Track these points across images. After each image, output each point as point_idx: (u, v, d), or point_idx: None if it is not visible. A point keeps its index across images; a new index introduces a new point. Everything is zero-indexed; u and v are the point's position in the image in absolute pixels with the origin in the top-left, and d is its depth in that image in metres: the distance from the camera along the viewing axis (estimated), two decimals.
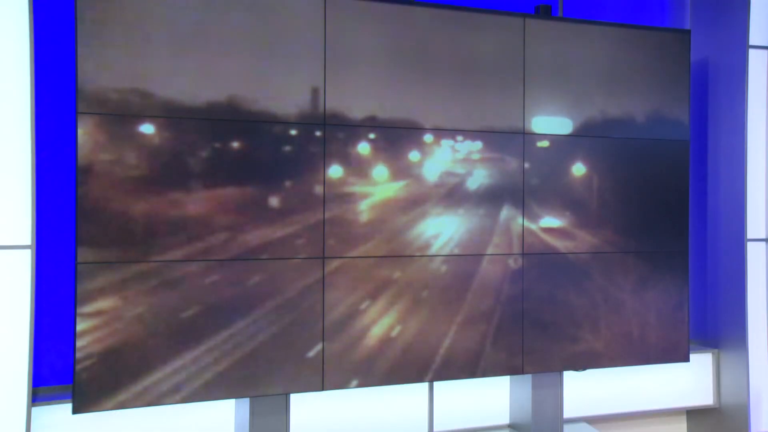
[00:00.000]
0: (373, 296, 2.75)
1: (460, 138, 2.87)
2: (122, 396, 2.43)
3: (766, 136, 3.44)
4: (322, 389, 2.68)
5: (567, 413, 3.26)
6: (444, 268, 2.85)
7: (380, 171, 2.76)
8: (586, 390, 3.32)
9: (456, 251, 2.86)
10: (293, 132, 2.63)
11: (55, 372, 2.71)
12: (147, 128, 2.45)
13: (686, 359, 3.25)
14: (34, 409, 2.51)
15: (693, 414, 3.64)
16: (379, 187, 2.75)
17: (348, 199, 2.71)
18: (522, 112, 2.96)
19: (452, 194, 2.86)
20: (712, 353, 3.53)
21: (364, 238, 2.73)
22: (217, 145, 2.53)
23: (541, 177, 3.00)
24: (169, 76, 2.47)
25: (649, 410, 3.46)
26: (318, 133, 2.66)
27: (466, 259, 2.88)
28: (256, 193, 2.58)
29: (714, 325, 3.54)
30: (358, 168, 2.72)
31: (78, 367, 2.38)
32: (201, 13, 2.52)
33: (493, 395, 3.20)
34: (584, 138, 3.06)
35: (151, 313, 2.46)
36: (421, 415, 3.07)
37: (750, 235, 3.40)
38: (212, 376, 2.53)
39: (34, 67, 2.46)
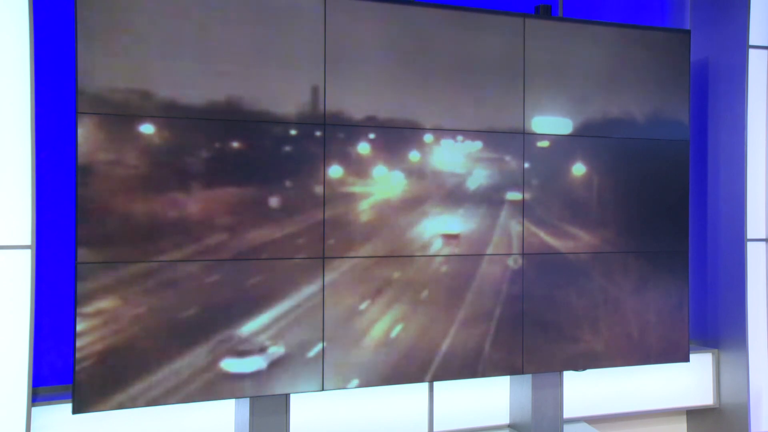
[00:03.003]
0: (373, 296, 2.75)
1: (460, 138, 2.87)
2: (122, 396, 2.43)
3: (766, 136, 3.44)
4: (322, 389, 2.68)
5: (567, 413, 3.26)
6: (444, 268, 2.85)
7: (380, 171, 2.76)
8: (586, 390, 3.32)
9: (456, 251, 2.86)
10: (293, 132, 2.63)
11: (55, 372, 2.71)
12: (147, 128, 2.45)
13: (686, 359, 3.25)
14: (34, 409, 2.51)
15: (693, 414, 3.64)
16: (379, 187, 2.75)
17: (348, 199, 2.70)
18: (522, 112, 2.96)
19: (452, 194, 2.86)
20: (712, 353, 3.53)
21: (364, 238, 2.73)
22: (217, 145, 2.53)
23: (541, 177, 3.00)
24: (169, 76, 2.47)
25: (649, 410, 3.46)
26: (318, 133, 2.66)
27: (466, 259, 2.88)
28: (256, 193, 2.58)
29: (714, 325, 3.54)
30: (358, 168, 2.72)
31: (78, 367, 2.38)
32: (201, 13, 2.52)
33: (493, 395, 3.20)
34: (584, 138, 3.06)
35: (151, 313, 2.46)
36: (421, 415, 3.07)
37: (750, 235, 3.40)
38: (212, 376, 2.53)
39: (34, 67, 2.46)
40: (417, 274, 2.80)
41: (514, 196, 2.95)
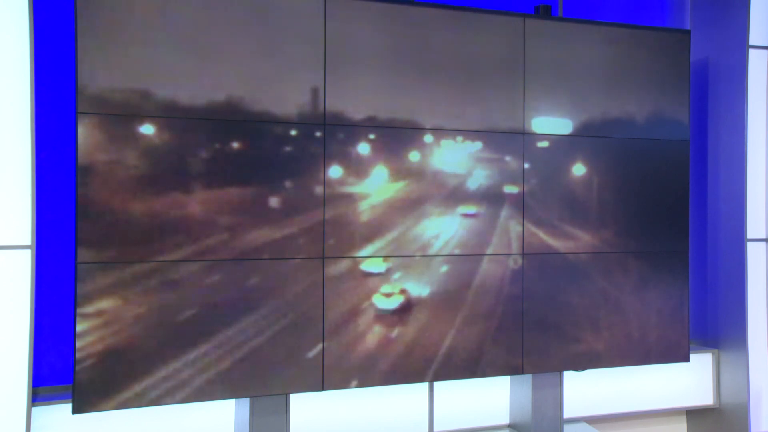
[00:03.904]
0: (374, 296, 2.75)
1: (460, 138, 2.87)
2: (122, 396, 2.43)
3: (766, 136, 3.44)
4: (322, 389, 2.68)
5: (567, 413, 3.26)
6: (444, 268, 2.85)
7: (380, 171, 2.76)
8: (586, 390, 3.32)
9: (456, 251, 2.86)
10: (293, 132, 2.63)
11: (55, 372, 2.71)
12: (147, 128, 2.45)
13: (686, 359, 3.25)
14: (34, 409, 2.51)
15: (693, 414, 3.64)
16: (379, 187, 2.75)
17: (348, 199, 2.70)
18: (522, 112, 2.96)
19: (452, 194, 2.86)
20: (712, 353, 3.53)
21: (364, 238, 2.73)
22: (217, 145, 2.53)
23: (541, 177, 3.00)
24: (169, 76, 2.47)
25: (649, 410, 3.46)
26: (318, 134, 2.66)
27: (467, 259, 2.88)
28: (257, 194, 2.58)
29: (714, 325, 3.54)
30: (358, 168, 2.72)
31: (78, 367, 2.38)
32: (201, 14, 2.52)
33: (493, 395, 3.21)
34: (584, 138, 3.06)
35: (151, 313, 2.46)
36: (421, 415, 3.07)
37: (750, 235, 3.40)
38: (212, 376, 2.53)
39: (34, 67, 2.46)
40: (417, 274, 2.80)
41: (514, 196, 2.95)
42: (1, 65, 2.43)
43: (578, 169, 3.06)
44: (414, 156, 2.80)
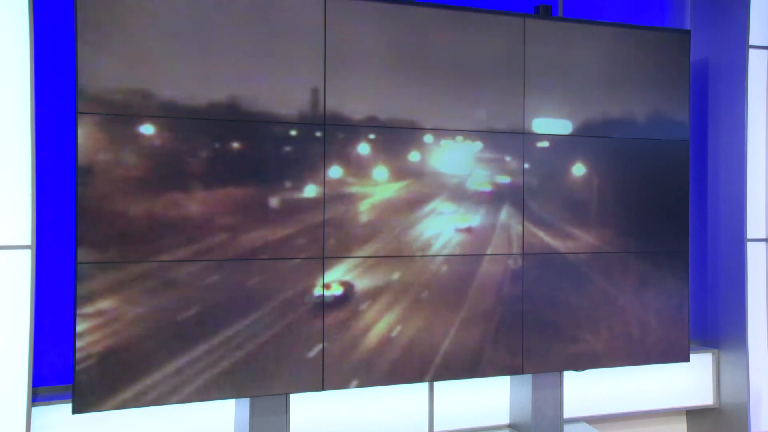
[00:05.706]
0: (373, 296, 2.75)
1: (460, 138, 2.87)
2: (122, 396, 2.43)
3: (766, 136, 3.44)
4: (322, 389, 2.68)
5: (567, 413, 3.26)
6: (444, 268, 2.85)
7: (380, 171, 2.76)
8: (586, 390, 3.32)
9: (456, 251, 2.86)
10: (293, 132, 2.63)
11: (55, 372, 2.71)
12: (147, 128, 2.45)
13: (686, 359, 3.25)
14: (34, 409, 2.51)
15: (693, 414, 3.64)
16: (379, 187, 2.75)
17: (348, 199, 2.71)
18: (522, 112, 2.96)
19: (452, 194, 2.86)
20: (712, 353, 3.53)
21: (364, 239, 2.73)
22: (217, 145, 2.53)
23: (541, 177, 3.00)
24: (169, 76, 2.48)
25: (649, 410, 3.46)
26: (318, 134, 2.66)
27: (467, 259, 2.88)
28: (256, 194, 2.58)
29: (714, 325, 3.54)
30: (358, 168, 2.72)
31: (78, 367, 2.38)
32: (201, 14, 2.52)
33: (493, 395, 3.21)
34: (584, 138, 3.06)
35: (151, 314, 2.46)
36: (421, 415, 3.07)
37: (750, 235, 3.40)
38: (212, 376, 2.53)
39: (34, 67, 2.46)
40: (417, 274, 2.80)
41: (514, 196, 2.95)
42: (1, 65, 2.43)
43: (578, 169, 3.06)
44: (414, 156, 2.80)
